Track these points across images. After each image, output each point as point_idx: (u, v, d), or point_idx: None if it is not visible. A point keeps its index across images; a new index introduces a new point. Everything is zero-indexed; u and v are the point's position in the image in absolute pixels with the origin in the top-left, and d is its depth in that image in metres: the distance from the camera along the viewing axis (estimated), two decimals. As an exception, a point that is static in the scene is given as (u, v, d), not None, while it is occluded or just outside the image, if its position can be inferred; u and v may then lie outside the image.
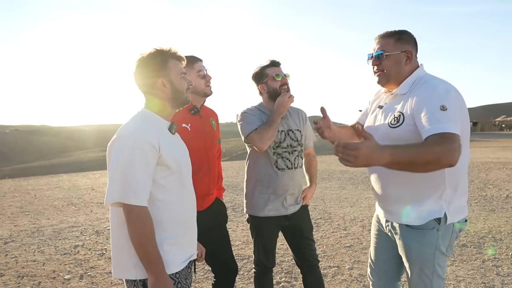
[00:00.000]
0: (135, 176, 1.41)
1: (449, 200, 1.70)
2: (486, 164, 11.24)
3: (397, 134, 1.70)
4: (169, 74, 1.57)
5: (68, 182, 10.41)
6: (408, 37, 1.79)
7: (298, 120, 2.42)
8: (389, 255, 1.95)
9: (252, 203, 2.38)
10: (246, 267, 3.71)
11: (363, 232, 4.79)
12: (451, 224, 1.71)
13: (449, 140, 1.47)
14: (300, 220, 2.41)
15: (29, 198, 7.79)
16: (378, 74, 1.83)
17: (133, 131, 1.48)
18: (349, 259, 3.89)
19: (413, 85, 1.74)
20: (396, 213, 1.80)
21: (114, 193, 1.41)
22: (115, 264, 1.53)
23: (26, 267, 3.80)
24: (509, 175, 9.11)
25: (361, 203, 6.54)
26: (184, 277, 1.61)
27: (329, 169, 11.06)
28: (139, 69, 1.58)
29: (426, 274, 1.72)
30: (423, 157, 1.47)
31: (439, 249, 1.70)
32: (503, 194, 6.89)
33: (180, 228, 1.59)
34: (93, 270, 3.71)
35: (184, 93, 1.63)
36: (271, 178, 2.31)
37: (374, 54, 1.81)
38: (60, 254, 4.19)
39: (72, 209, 6.63)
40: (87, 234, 4.97)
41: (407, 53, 1.77)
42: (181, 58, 1.64)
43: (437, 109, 1.54)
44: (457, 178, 1.71)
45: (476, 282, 3.23)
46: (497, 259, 3.75)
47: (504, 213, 5.51)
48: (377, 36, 1.83)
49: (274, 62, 2.34)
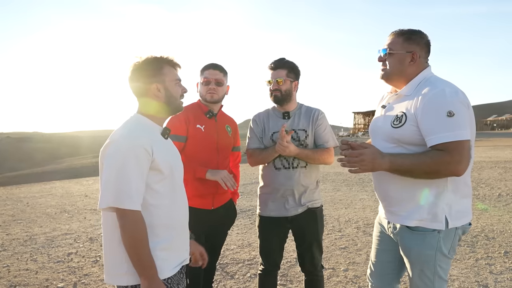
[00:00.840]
0: (128, 180, 1.41)
1: (450, 203, 1.68)
2: (479, 163, 11.36)
3: (399, 134, 1.70)
4: (164, 80, 1.59)
5: (61, 189, 10.31)
6: (418, 38, 1.78)
7: (307, 120, 2.37)
8: (390, 257, 1.94)
9: (259, 203, 2.44)
10: (241, 271, 3.70)
11: (358, 234, 4.80)
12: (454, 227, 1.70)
13: (456, 150, 1.48)
14: (304, 224, 2.34)
15: (21, 206, 7.69)
16: (382, 69, 1.86)
17: (126, 135, 1.48)
18: (344, 260, 3.90)
19: (418, 87, 1.73)
20: (397, 214, 1.80)
21: (107, 197, 1.41)
22: (107, 270, 1.53)
23: (18, 276, 3.75)
24: (501, 173, 9.21)
25: (355, 205, 6.56)
26: (176, 283, 1.60)
27: (324, 171, 11.09)
28: (134, 74, 1.59)
29: (428, 275, 1.72)
30: (421, 168, 1.52)
31: (440, 251, 1.69)
32: (495, 192, 6.96)
33: (172, 233, 1.59)
34: (87, 277, 3.67)
35: (178, 99, 1.65)
36: (270, 177, 2.35)
37: (381, 50, 1.84)
38: (53, 262, 4.14)
39: (65, 216, 6.56)
40: (81, 241, 4.92)
41: (412, 54, 1.77)
42: (176, 65, 1.65)
43: (444, 116, 1.53)
44: (457, 181, 1.69)
45: (469, 281, 3.26)
46: (490, 257, 3.78)
47: (497, 212, 5.57)
48: (391, 33, 1.84)
49: (270, 66, 2.35)
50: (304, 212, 2.33)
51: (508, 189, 7.19)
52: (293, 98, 2.39)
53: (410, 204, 1.74)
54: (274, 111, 2.44)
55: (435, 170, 1.54)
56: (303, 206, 2.33)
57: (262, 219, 2.40)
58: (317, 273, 2.43)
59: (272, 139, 2.34)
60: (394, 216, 1.83)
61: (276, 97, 2.32)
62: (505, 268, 3.50)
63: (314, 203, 2.37)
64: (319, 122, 2.37)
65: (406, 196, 1.75)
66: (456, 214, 1.70)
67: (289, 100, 2.35)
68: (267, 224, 2.38)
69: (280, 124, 2.33)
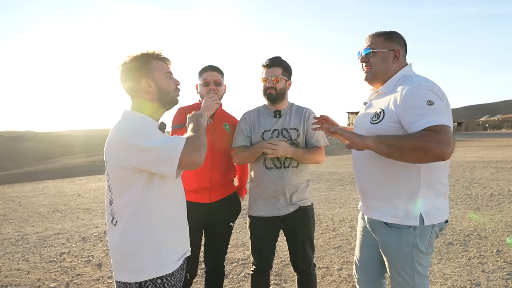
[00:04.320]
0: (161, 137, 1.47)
1: (425, 201, 1.70)
2: (471, 163, 11.45)
3: (377, 130, 1.71)
4: (152, 73, 1.58)
5: (53, 188, 10.21)
6: (397, 37, 1.85)
7: (298, 119, 2.37)
8: (373, 252, 1.96)
9: (249, 203, 2.43)
10: (236, 271, 3.70)
11: (352, 233, 4.82)
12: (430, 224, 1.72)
13: (443, 131, 1.48)
14: (296, 223, 2.35)
15: (13, 206, 7.61)
16: (366, 71, 1.88)
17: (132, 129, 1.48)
18: (338, 259, 3.91)
19: (397, 84, 1.77)
20: (374, 209, 1.84)
21: (172, 152, 1.43)
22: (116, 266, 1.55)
23: (10, 276, 3.71)
24: (493, 173, 9.30)
25: (349, 204, 6.59)
26: (179, 279, 1.63)
27: (318, 171, 11.11)
28: (124, 72, 1.59)
29: (407, 272, 1.74)
30: (411, 143, 1.51)
31: (417, 247, 1.71)
32: (487, 192, 7.03)
33: (178, 225, 1.63)
34: (80, 277, 3.64)
35: (171, 93, 1.64)
36: (260, 177, 2.33)
37: (363, 51, 1.87)
38: (46, 262, 4.10)
39: (58, 215, 6.51)
40: (73, 241, 4.88)
41: (394, 51, 1.82)
42: (165, 59, 1.64)
43: (425, 104, 1.55)
44: (433, 179, 1.71)
45: (462, 280, 3.28)
46: (483, 256, 3.82)
47: (489, 211, 5.62)
48: (368, 36, 1.89)
49: (266, 63, 2.34)
50: (295, 211, 2.34)
51: (500, 189, 7.26)
52: (285, 97, 2.40)
53: (386, 199, 1.76)
54: (266, 109, 2.43)
55: (424, 147, 1.47)
56: (294, 205, 2.33)
57: (253, 219, 2.39)
58: (310, 271, 2.44)
59: (263, 138, 2.33)
60: (371, 210, 1.86)
61: (271, 95, 2.31)
62: (497, 266, 3.53)
63: (305, 201, 2.37)
64: (310, 121, 2.37)
65: (382, 191, 1.78)
66: (432, 212, 1.71)
67: (282, 98, 2.36)
68: (258, 224, 2.37)
69: (271, 123, 2.34)
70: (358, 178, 1.95)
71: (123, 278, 1.52)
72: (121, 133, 1.48)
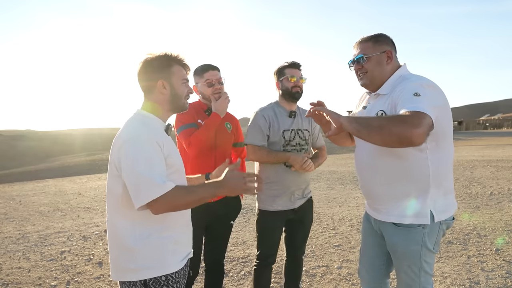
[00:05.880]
0: (155, 169, 1.45)
1: (434, 198, 1.72)
2: (471, 162, 11.46)
3: None
4: (170, 77, 1.60)
5: (54, 187, 10.23)
6: (384, 38, 1.85)
7: (307, 120, 2.55)
8: (378, 252, 1.97)
9: (263, 198, 2.49)
10: (236, 269, 3.71)
11: (352, 232, 4.83)
12: (438, 221, 1.74)
13: (416, 115, 1.44)
14: (304, 213, 2.56)
15: (13, 204, 7.63)
16: (361, 76, 1.87)
17: (137, 132, 1.49)
18: (338, 258, 3.92)
19: (395, 84, 1.77)
20: (383, 211, 1.83)
21: (148, 192, 1.42)
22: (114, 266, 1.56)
23: (11, 274, 3.72)
24: (493, 172, 9.30)
25: (349, 203, 6.60)
26: (183, 277, 1.65)
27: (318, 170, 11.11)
28: (144, 68, 1.60)
29: (414, 270, 1.75)
30: (379, 121, 1.52)
31: (425, 246, 1.73)
32: (487, 191, 7.03)
33: (182, 226, 1.64)
34: (80, 275, 3.66)
35: (183, 99, 1.66)
36: (280, 175, 2.43)
37: (355, 58, 1.86)
38: (46, 260, 4.11)
39: (59, 214, 6.52)
40: (74, 239, 4.90)
41: (386, 52, 1.82)
42: (186, 66, 1.67)
43: (411, 95, 1.56)
44: (441, 176, 1.73)
45: (461, 278, 3.29)
46: (482, 255, 3.83)
47: (488, 210, 5.63)
48: (355, 43, 1.89)
49: (293, 64, 2.45)
50: (305, 202, 2.56)
51: (500, 188, 7.27)
52: None
53: (395, 200, 1.77)
54: (279, 108, 2.50)
55: (387, 125, 1.45)
56: (305, 198, 2.56)
57: (269, 213, 2.46)
58: (301, 255, 2.68)
59: (284, 137, 2.44)
60: (380, 213, 1.87)
61: (298, 94, 2.44)
62: (496, 265, 3.54)
63: (310, 193, 2.64)
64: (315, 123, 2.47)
65: (391, 192, 1.78)
66: (441, 208, 1.74)
67: (299, 100, 2.50)
68: (274, 218, 2.47)
69: (288, 123, 2.47)
70: (364, 182, 1.94)
71: (128, 278, 1.52)
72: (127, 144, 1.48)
